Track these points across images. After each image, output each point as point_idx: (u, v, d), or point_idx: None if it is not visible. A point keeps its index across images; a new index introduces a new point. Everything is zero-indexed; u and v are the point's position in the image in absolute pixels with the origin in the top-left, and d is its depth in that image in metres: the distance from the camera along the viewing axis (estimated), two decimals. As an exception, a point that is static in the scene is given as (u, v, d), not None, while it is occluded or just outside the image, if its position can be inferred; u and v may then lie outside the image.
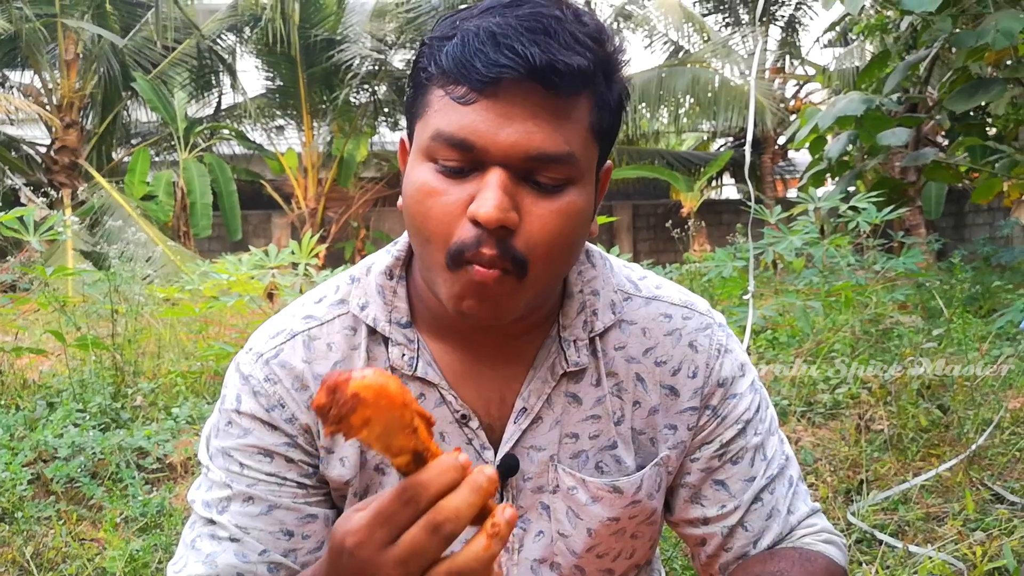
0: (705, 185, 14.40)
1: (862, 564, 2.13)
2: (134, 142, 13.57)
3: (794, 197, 5.02)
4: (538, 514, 0.92)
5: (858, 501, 2.48)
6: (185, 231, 12.27)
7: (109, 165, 12.70)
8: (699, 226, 11.50)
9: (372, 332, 0.90)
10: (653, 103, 13.35)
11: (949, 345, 3.99)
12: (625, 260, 1.03)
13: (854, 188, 6.54)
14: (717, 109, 12.97)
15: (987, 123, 6.46)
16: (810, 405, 3.36)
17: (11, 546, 2.30)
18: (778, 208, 4.70)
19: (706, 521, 0.95)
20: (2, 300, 4.47)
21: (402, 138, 0.88)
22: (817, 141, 5.83)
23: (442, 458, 0.62)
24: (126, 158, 12.94)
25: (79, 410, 3.23)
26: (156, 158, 13.33)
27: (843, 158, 6.05)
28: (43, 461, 2.80)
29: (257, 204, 14.44)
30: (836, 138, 5.96)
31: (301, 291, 4.72)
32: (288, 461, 0.88)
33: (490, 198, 0.75)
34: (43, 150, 12.39)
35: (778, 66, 14.91)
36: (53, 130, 11.94)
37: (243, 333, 4.79)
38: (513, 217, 0.76)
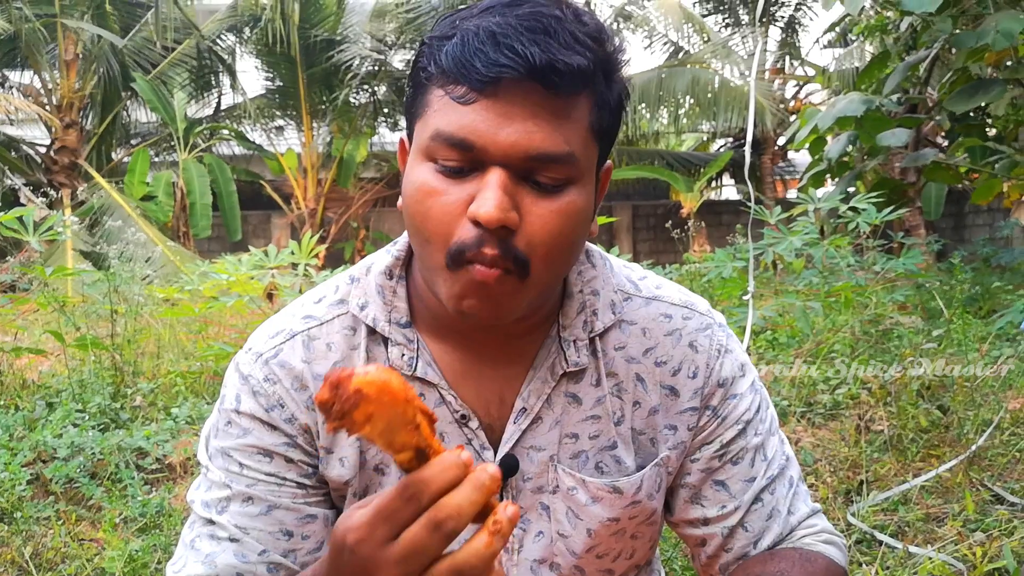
0: (705, 186, 14.40)
1: (862, 565, 2.12)
2: (134, 142, 13.57)
3: (794, 198, 5.02)
4: (538, 514, 0.92)
5: (858, 502, 2.48)
6: (185, 231, 12.27)
7: (109, 165, 12.70)
8: (699, 227, 11.50)
9: (372, 332, 0.90)
10: (653, 104, 13.35)
11: (949, 346, 3.99)
12: (625, 260, 1.03)
13: (854, 189, 6.53)
14: (717, 110, 12.97)
15: (987, 124, 6.46)
16: (810, 406, 3.35)
17: (10, 546, 2.30)
18: (778, 209, 4.70)
19: (706, 522, 0.95)
20: (2, 300, 4.47)
21: (402, 138, 0.88)
22: (817, 142, 5.83)
23: (444, 455, 0.62)
24: (126, 158, 12.94)
25: (78, 410, 3.23)
26: (156, 158, 13.33)
27: (843, 159, 6.05)
28: (42, 461, 2.80)
29: (257, 204, 14.45)
30: (836, 139, 5.95)
31: (300, 291, 4.71)
32: (288, 461, 0.88)
33: (490, 198, 0.74)
34: (43, 150, 12.39)
35: (778, 67, 14.92)
36: (53, 130, 11.94)
37: (242, 333, 4.79)
38: (514, 217, 0.76)
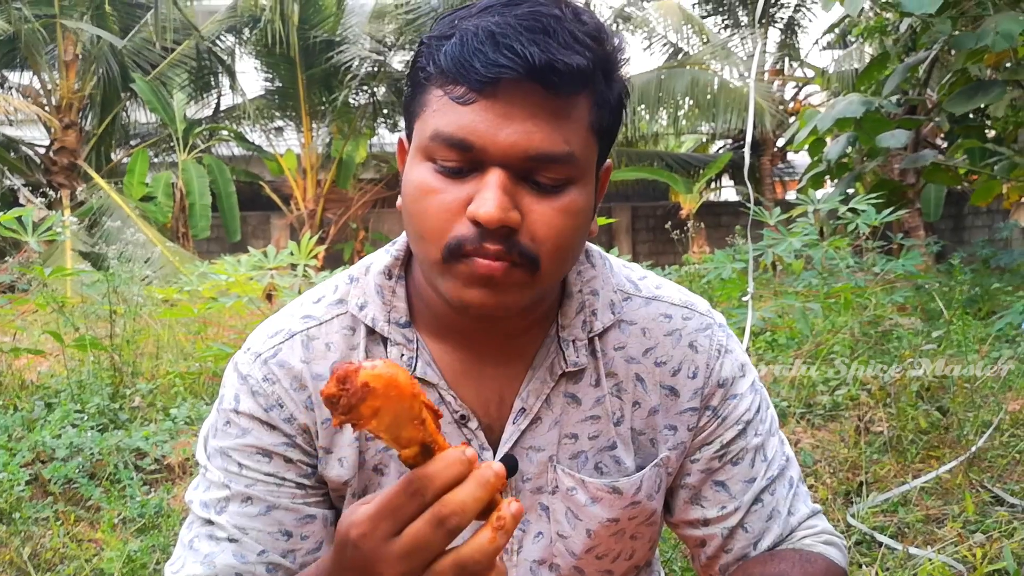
0: (704, 187, 14.41)
1: (862, 566, 2.12)
2: (133, 143, 13.57)
3: (793, 199, 5.01)
4: (537, 515, 0.92)
5: (858, 503, 2.48)
6: (184, 232, 12.27)
7: (108, 166, 12.69)
8: (698, 228, 11.50)
9: (371, 332, 0.90)
10: (652, 105, 13.35)
11: (948, 347, 3.99)
12: (625, 261, 1.03)
13: (853, 190, 6.53)
14: (716, 111, 12.97)
15: (986, 125, 6.46)
16: (809, 407, 3.35)
17: (9, 547, 2.30)
18: (777, 210, 4.70)
19: (706, 522, 0.95)
20: (1, 300, 4.47)
21: (401, 138, 0.88)
22: (816, 143, 5.84)
23: (449, 451, 0.62)
24: (125, 159, 12.93)
25: (77, 411, 3.22)
26: (155, 159, 13.32)
27: (842, 160, 6.05)
28: (41, 462, 2.80)
29: (256, 205, 14.44)
30: (835, 140, 5.96)
31: (300, 292, 4.71)
32: (287, 461, 0.88)
33: (490, 198, 0.74)
34: (42, 151, 12.39)
35: (777, 68, 14.92)
36: (52, 131, 11.93)
37: (242, 334, 4.79)
38: (515, 217, 0.76)
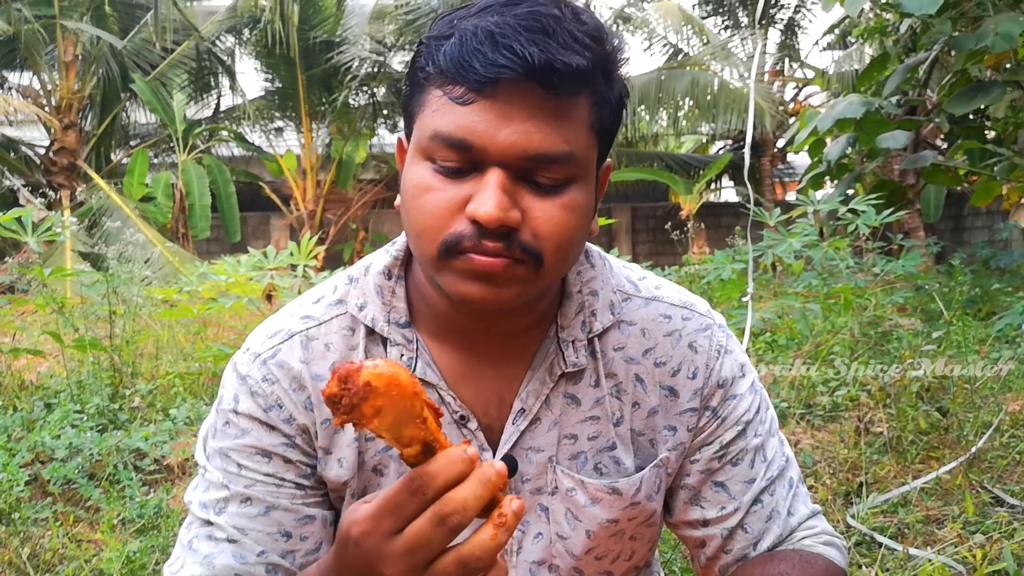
0: (704, 188, 14.40)
1: (862, 567, 2.12)
2: (133, 143, 13.57)
3: (793, 200, 5.01)
4: (537, 516, 0.92)
5: (857, 503, 2.48)
6: (184, 232, 12.27)
7: (108, 166, 12.69)
8: (698, 228, 11.50)
9: (371, 332, 0.90)
10: (652, 106, 13.35)
11: (948, 347, 3.99)
12: (624, 261, 1.03)
13: (853, 191, 6.53)
14: (716, 112, 12.97)
15: (986, 126, 6.46)
16: (809, 407, 3.35)
17: (8, 547, 2.30)
18: (777, 211, 4.69)
19: (706, 523, 0.95)
20: (0, 301, 4.47)
21: (400, 137, 0.87)
22: (816, 144, 5.84)
23: (450, 450, 0.62)
24: (125, 159, 12.93)
25: (77, 411, 3.22)
26: (155, 160, 13.32)
27: (842, 161, 6.05)
28: (40, 462, 2.80)
29: (256, 206, 14.45)
30: (835, 141, 5.96)
31: (299, 293, 4.71)
32: (286, 462, 0.88)
33: (489, 198, 0.74)
34: (42, 151, 12.39)
35: (777, 69, 14.92)
36: (52, 131, 11.93)
37: (241, 334, 4.78)
38: (515, 216, 0.75)
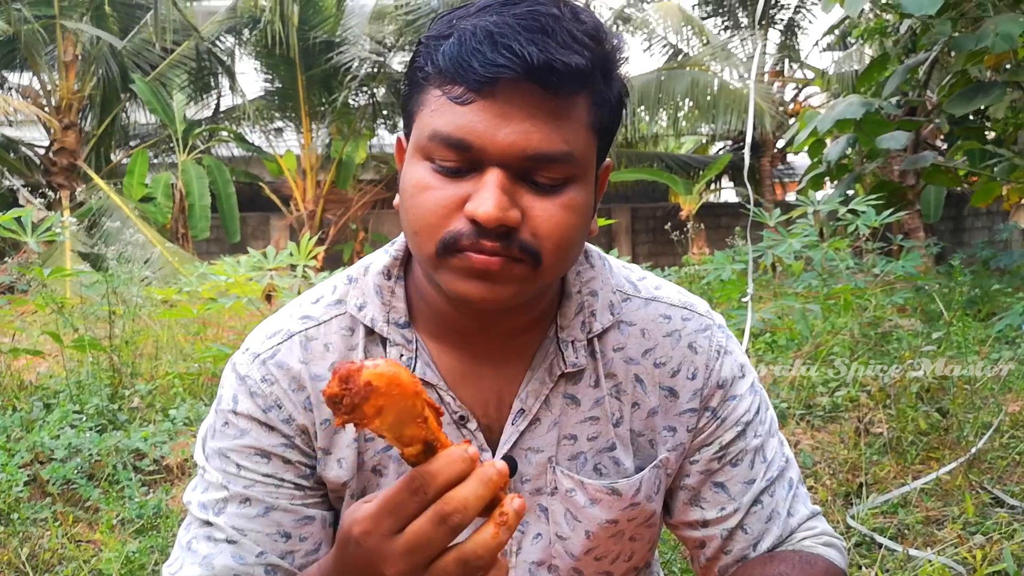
0: (704, 188, 14.40)
1: (861, 568, 2.12)
2: (133, 144, 13.56)
3: (793, 200, 5.01)
4: (536, 516, 0.92)
5: (857, 504, 2.48)
6: (183, 233, 12.27)
7: (107, 167, 12.69)
8: (698, 229, 11.49)
9: (370, 332, 0.90)
10: (652, 106, 13.36)
11: (948, 348, 3.99)
12: (624, 262, 1.03)
13: (853, 191, 6.53)
14: (716, 112, 12.97)
15: (986, 127, 6.47)
16: (809, 408, 3.35)
17: (7, 548, 2.29)
18: (777, 211, 4.70)
19: (705, 523, 0.94)
20: (0, 301, 4.46)
21: (399, 137, 0.87)
22: (816, 144, 5.84)
23: (451, 449, 0.62)
24: (124, 160, 12.93)
25: (76, 411, 3.22)
26: (155, 160, 13.32)
27: (842, 161, 6.05)
28: (39, 462, 2.79)
29: (255, 206, 14.44)
30: (835, 141, 5.96)
31: (299, 293, 4.71)
32: (285, 462, 0.87)
33: (488, 198, 0.74)
34: (41, 152, 12.39)
35: (777, 69, 14.92)
36: (52, 132, 11.93)
37: (241, 335, 4.78)
38: (514, 215, 0.75)
